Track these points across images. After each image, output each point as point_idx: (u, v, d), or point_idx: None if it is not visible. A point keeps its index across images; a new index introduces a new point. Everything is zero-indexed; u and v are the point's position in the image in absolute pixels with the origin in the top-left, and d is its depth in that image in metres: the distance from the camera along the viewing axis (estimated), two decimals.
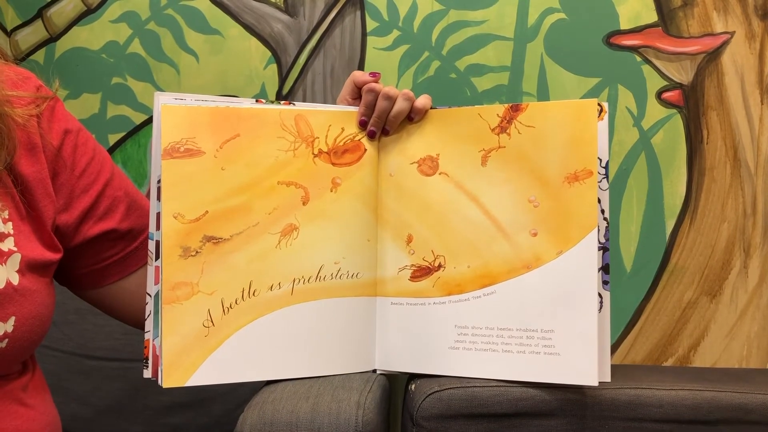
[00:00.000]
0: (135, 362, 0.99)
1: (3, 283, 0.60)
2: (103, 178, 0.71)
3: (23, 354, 0.64)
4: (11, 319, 0.61)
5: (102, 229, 0.70)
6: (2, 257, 0.61)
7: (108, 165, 0.72)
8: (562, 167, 0.74)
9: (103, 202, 0.70)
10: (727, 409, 0.75)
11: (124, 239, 0.73)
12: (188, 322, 0.70)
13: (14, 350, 0.62)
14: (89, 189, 0.69)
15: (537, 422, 0.74)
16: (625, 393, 0.75)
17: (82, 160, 0.69)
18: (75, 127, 0.70)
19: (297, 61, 1.16)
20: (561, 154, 0.74)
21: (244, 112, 0.74)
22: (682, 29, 1.08)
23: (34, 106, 0.66)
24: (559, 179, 0.74)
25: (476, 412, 0.74)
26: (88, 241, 0.70)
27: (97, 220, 0.70)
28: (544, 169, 0.74)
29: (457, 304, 0.77)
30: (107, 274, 0.73)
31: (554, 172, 0.74)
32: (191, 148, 0.72)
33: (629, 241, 1.11)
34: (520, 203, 0.75)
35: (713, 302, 1.10)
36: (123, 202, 0.72)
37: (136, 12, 1.18)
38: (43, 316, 0.64)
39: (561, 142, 0.74)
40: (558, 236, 0.74)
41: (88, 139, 0.71)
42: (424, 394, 0.75)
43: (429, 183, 0.78)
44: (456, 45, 1.12)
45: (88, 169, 0.70)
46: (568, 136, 0.74)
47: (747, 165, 1.08)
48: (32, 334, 0.63)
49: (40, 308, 0.64)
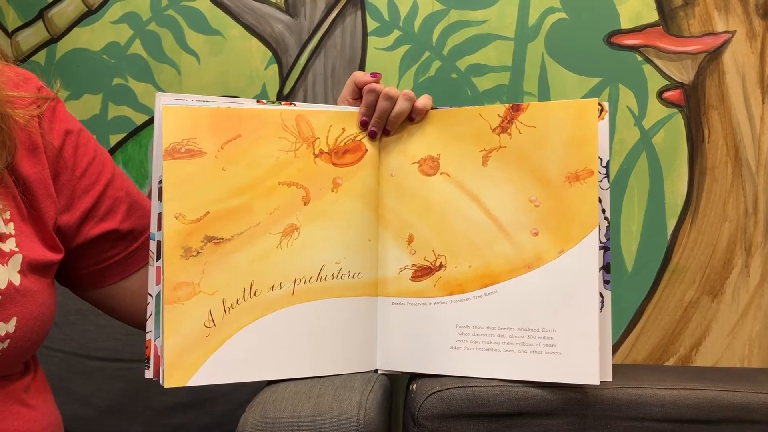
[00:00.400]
0: (136, 363, 0.99)
1: (4, 284, 0.61)
2: (104, 178, 0.71)
3: (25, 354, 0.64)
4: (13, 319, 0.61)
5: (103, 230, 0.70)
6: (4, 258, 0.61)
7: (109, 165, 0.72)
8: (563, 167, 0.74)
9: (104, 202, 0.71)
10: (728, 409, 0.75)
11: (126, 239, 0.73)
12: (190, 323, 0.70)
13: (16, 351, 0.62)
14: (90, 189, 0.70)
15: (538, 422, 0.74)
16: (627, 392, 0.75)
17: (84, 161, 0.69)
18: (76, 127, 0.70)
19: (298, 62, 1.16)
20: (562, 154, 0.74)
21: (245, 112, 0.74)
22: (683, 28, 1.08)
23: (36, 106, 0.66)
24: (560, 179, 0.74)
25: (477, 411, 0.74)
26: (90, 242, 0.70)
27: (98, 220, 0.70)
28: (545, 168, 0.75)
29: (458, 303, 0.77)
30: (108, 275, 0.73)
31: (555, 171, 0.74)
32: (192, 149, 0.72)
33: (630, 241, 1.11)
34: (521, 203, 0.75)
35: (715, 301, 1.10)
36: (124, 202, 0.72)
37: (136, 13, 1.18)
38: (44, 317, 0.64)
39: (562, 142, 0.74)
40: (559, 236, 0.74)
41: (89, 140, 0.71)
42: (426, 393, 0.75)
43: (430, 183, 0.78)
44: (457, 45, 1.12)
45: (89, 169, 0.70)
46: (568, 136, 0.74)
47: (748, 164, 1.08)
48: (34, 334, 0.63)
49: (42, 309, 0.64)
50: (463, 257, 0.77)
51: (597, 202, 0.73)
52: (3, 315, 0.60)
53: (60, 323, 1.04)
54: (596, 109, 0.74)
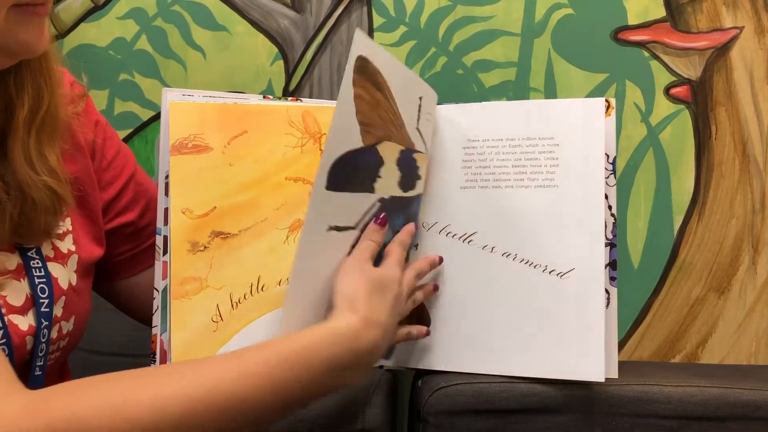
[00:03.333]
0: (142, 358, 0.99)
1: (66, 284, 0.62)
2: (127, 172, 0.72)
3: (71, 352, 0.67)
4: (72, 318, 0.63)
5: (120, 222, 0.71)
6: (64, 259, 0.63)
7: (132, 160, 0.74)
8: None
9: (125, 195, 0.72)
10: (735, 406, 0.74)
11: (141, 235, 0.74)
12: (197, 317, 0.71)
13: (69, 348, 0.65)
14: (114, 181, 0.71)
15: (543, 418, 0.74)
16: (633, 389, 0.75)
17: (110, 153, 0.71)
18: (102, 120, 0.72)
19: (304, 57, 1.16)
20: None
21: (251, 108, 0.74)
22: (691, 24, 1.08)
23: (72, 104, 0.66)
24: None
25: (483, 408, 0.74)
26: (106, 234, 0.71)
27: (117, 213, 0.71)
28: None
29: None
30: (123, 269, 0.74)
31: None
32: (199, 144, 0.72)
33: (637, 238, 1.10)
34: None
35: (721, 298, 1.09)
36: (144, 197, 0.74)
37: (143, 8, 1.19)
38: (89, 314, 0.67)
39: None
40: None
41: (114, 134, 0.73)
42: (431, 390, 0.75)
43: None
44: (463, 41, 1.12)
45: (114, 162, 0.71)
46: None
47: (756, 161, 1.07)
48: (82, 332, 0.66)
49: (88, 306, 0.67)
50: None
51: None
52: (66, 315, 0.62)
53: None
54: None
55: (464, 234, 0.76)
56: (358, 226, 0.68)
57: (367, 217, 0.68)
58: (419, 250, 0.78)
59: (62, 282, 0.62)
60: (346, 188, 0.66)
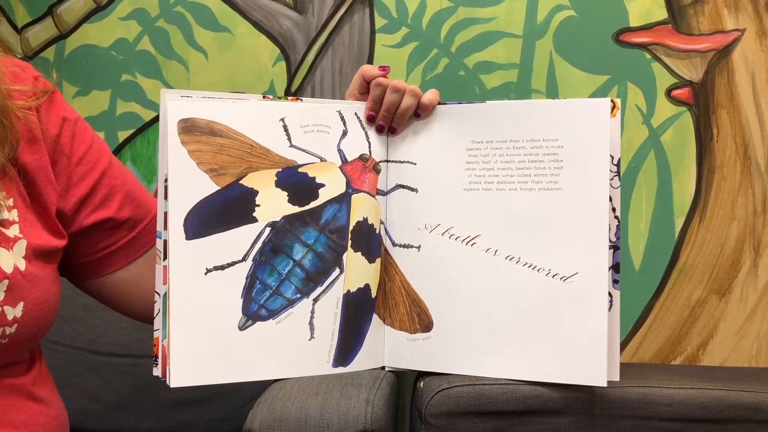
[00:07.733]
0: (144, 358, 0.99)
1: (11, 269, 0.61)
2: (100, 166, 0.71)
3: (32, 341, 0.65)
4: (20, 304, 0.62)
5: (99, 218, 0.70)
6: (8, 243, 0.62)
7: (106, 155, 0.73)
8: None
9: (100, 190, 0.71)
10: (736, 408, 0.74)
11: (122, 229, 0.73)
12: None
13: (23, 336, 0.63)
14: (86, 177, 0.70)
15: (545, 420, 0.74)
16: (634, 391, 0.75)
17: (80, 148, 0.70)
18: (73, 116, 0.70)
19: (306, 59, 1.16)
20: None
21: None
22: (693, 26, 1.08)
23: (34, 98, 0.66)
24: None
25: (484, 409, 0.74)
26: (85, 230, 0.70)
27: (93, 208, 0.70)
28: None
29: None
30: (106, 264, 0.73)
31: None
32: None
33: (638, 239, 1.10)
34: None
35: (722, 301, 1.09)
36: (120, 191, 0.72)
37: (145, 9, 1.19)
38: (50, 303, 0.65)
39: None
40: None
41: (86, 129, 0.72)
42: (433, 391, 0.75)
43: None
44: (465, 42, 1.12)
45: (86, 157, 0.70)
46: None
47: (757, 163, 1.08)
48: (40, 320, 0.64)
49: (48, 295, 0.64)
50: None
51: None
52: (11, 299, 0.61)
53: (67, 318, 1.04)
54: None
55: (467, 236, 0.76)
56: (247, 258, 0.71)
57: (257, 247, 0.71)
58: (422, 252, 0.78)
59: (5, 266, 0.61)
60: (216, 230, 0.70)
